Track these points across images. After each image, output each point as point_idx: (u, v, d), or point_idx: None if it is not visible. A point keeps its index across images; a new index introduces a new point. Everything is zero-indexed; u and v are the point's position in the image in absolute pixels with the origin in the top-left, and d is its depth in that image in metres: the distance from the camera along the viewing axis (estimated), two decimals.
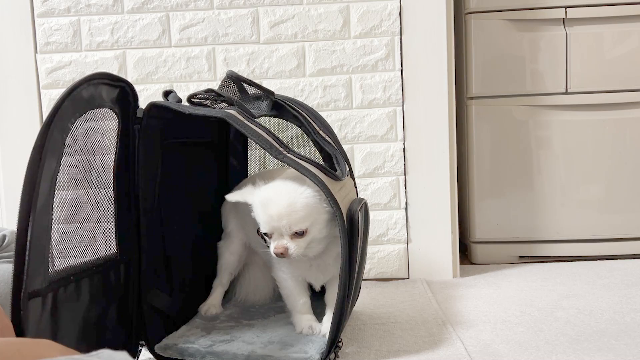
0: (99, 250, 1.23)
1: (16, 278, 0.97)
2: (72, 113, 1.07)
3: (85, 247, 1.19)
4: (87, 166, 1.19)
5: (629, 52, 1.97)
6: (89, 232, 1.21)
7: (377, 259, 1.92)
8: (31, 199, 0.98)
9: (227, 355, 1.29)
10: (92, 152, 1.20)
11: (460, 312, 1.57)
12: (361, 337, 1.42)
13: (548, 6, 1.95)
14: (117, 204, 1.25)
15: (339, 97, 1.88)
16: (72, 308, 1.12)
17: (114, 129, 1.24)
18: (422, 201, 1.90)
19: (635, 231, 2.02)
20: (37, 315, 1.02)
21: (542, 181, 2.03)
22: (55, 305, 1.06)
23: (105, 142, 1.23)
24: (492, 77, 2.00)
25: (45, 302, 1.04)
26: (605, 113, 1.99)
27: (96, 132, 1.19)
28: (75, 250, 1.15)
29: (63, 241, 1.11)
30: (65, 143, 1.06)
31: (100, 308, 1.21)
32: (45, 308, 1.04)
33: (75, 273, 1.13)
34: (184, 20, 1.86)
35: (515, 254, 2.06)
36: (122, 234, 1.27)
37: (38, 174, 0.99)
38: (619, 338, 1.35)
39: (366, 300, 1.69)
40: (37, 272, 1.01)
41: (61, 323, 1.08)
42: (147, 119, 1.28)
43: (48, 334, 1.05)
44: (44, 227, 1.02)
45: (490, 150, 2.03)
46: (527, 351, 1.29)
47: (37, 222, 0.99)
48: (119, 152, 1.25)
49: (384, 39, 1.86)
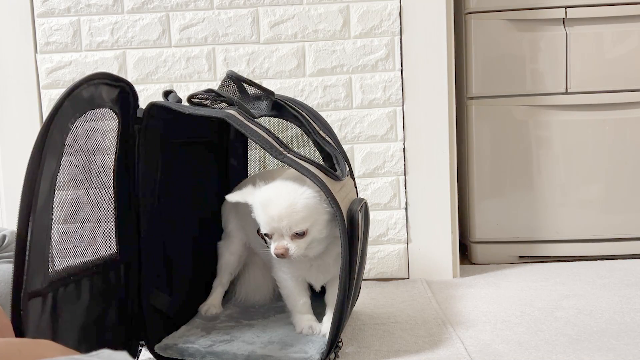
0: (99, 250, 1.23)
1: (16, 278, 0.97)
2: (72, 113, 1.07)
3: (85, 247, 1.19)
4: (87, 166, 1.19)
5: (629, 52, 1.97)
6: (89, 232, 1.21)
7: (377, 259, 1.92)
8: (31, 199, 0.98)
9: (227, 355, 1.29)
10: (92, 152, 1.20)
11: (460, 312, 1.57)
12: (361, 337, 1.42)
13: (548, 6, 1.95)
14: (117, 204, 1.25)
15: (339, 97, 1.88)
16: (72, 308, 1.12)
17: (114, 129, 1.24)
18: (422, 201, 1.90)
19: (635, 231, 2.02)
20: (37, 315, 1.02)
21: (542, 181, 2.03)
22: (55, 306, 1.06)
23: (106, 142, 1.23)
24: (492, 77, 2.00)
25: (45, 302, 1.04)
26: (605, 113, 1.99)
27: (96, 132, 1.19)
28: (75, 251, 1.15)
29: (63, 241, 1.11)
30: (65, 143, 1.06)
31: (100, 308, 1.21)
32: (45, 308, 1.04)
33: (75, 273, 1.13)
34: (184, 20, 1.86)
35: (515, 254, 2.06)
36: (122, 234, 1.27)
37: (38, 174, 0.99)
38: (619, 338, 1.35)
39: (366, 300, 1.69)
40: (37, 272, 1.01)
41: (61, 323, 1.08)
42: (147, 119, 1.29)
43: (48, 334, 1.05)
44: (44, 227, 1.02)
45: (490, 150, 2.03)
46: (527, 351, 1.29)
47: (37, 222, 0.99)
48: (119, 152, 1.25)
49: (384, 39, 1.86)
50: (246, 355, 1.27)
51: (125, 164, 1.27)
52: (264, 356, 1.27)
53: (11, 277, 0.97)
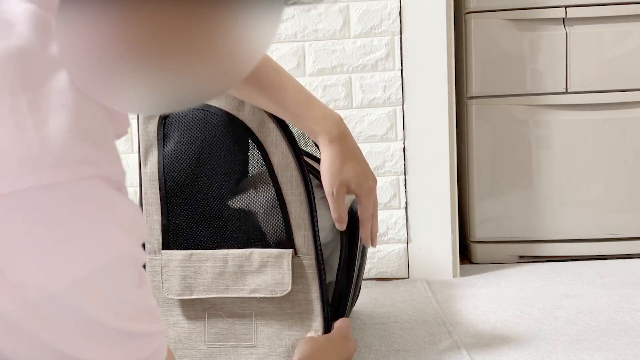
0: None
1: None
2: None
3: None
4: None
5: (629, 52, 1.97)
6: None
7: (377, 258, 1.92)
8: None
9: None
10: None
11: (460, 312, 1.57)
12: (361, 336, 1.42)
13: (548, 6, 1.95)
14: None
15: (338, 96, 1.88)
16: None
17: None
18: (422, 201, 1.90)
19: (635, 231, 2.02)
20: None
21: (542, 181, 2.03)
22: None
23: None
24: (492, 76, 2.00)
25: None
26: (605, 113, 1.99)
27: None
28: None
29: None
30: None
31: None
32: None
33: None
34: None
35: (515, 254, 2.06)
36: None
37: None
38: (619, 337, 1.35)
39: (366, 300, 1.69)
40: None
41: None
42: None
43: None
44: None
45: (490, 149, 2.03)
46: (527, 351, 1.29)
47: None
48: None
49: (384, 38, 1.86)
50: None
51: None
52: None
53: None
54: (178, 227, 1.21)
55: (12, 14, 0.52)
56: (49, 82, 0.51)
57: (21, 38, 0.51)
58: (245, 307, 1.21)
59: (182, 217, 1.21)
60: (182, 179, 1.20)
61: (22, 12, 0.53)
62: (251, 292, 1.18)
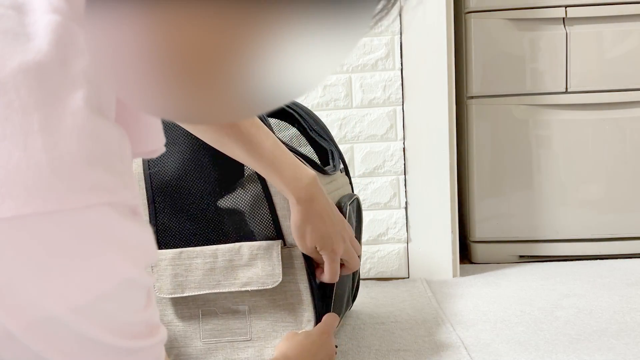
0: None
1: None
2: None
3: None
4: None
5: (629, 52, 1.97)
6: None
7: (377, 258, 1.92)
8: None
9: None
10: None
11: (460, 312, 1.57)
12: (361, 336, 1.42)
13: (548, 5, 1.95)
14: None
15: (338, 96, 1.88)
16: None
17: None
18: (422, 201, 1.90)
19: (635, 230, 2.02)
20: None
21: (542, 180, 2.03)
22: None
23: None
24: (492, 76, 2.00)
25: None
26: (605, 112, 1.99)
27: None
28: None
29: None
30: None
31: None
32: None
33: None
34: None
35: (515, 254, 2.06)
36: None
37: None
38: (619, 337, 1.35)
39: (366, 300, 1.69)
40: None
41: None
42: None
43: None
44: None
45: (490, 149, 2.03)
46: (527, 351, 1.29)
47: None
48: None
49: (383, 38, 1.86)
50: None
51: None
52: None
53: None
54: (166, 227, 1.21)
55: (34, 27, 0.49)
56: (63, 101, 0.48)
57: (40, 53, 0.48)
58: (238, 302, 1.21)
59: (170, 216, 1.21)
60: (167, 179, 1.20)
61: (45, 25, 0.49)
62: (243, 285, 1.18)
